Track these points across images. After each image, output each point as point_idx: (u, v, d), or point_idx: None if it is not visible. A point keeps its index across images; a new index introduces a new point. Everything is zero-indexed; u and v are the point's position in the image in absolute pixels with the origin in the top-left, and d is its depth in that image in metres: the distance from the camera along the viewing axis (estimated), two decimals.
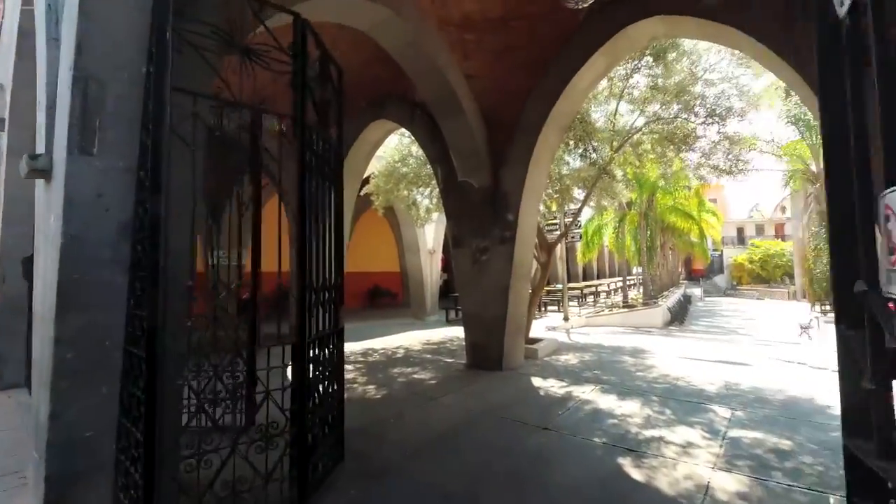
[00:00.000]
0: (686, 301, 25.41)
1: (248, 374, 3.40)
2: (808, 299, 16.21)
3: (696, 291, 33.32)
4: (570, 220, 8.02)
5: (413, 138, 8.75)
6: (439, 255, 14.53)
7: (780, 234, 47.40)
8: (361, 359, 6.66)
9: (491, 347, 5.81)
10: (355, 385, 5.08)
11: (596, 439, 3.38)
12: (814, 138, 15.48)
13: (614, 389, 4.70)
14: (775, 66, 4.03)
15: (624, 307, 17.47)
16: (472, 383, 5.09)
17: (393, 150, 9.13)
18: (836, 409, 4.18)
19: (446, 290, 19.11)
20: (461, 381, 5.18)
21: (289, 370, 2.56)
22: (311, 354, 2.76)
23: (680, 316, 20.60)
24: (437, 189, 8.54)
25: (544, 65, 5.35)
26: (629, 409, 4.04)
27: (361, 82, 7.36)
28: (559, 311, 15.23)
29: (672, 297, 21.89)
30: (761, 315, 21.30)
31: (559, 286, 14.60)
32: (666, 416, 3.85)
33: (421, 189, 9.28)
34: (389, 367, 6.00)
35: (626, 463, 2.98)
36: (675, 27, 4.69)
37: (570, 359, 6.59)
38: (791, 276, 35.05)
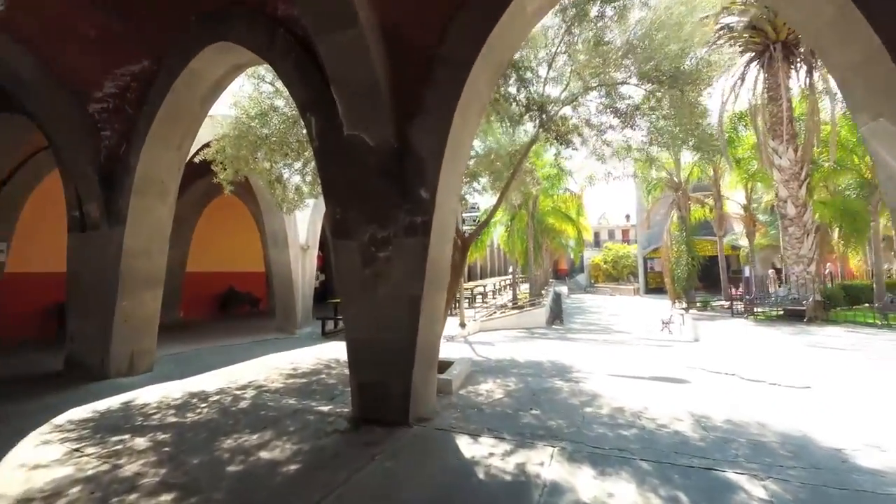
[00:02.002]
0: (558, 298, 26.91)
1: None
2: (669, 297, 17.87)
3: (564, 289, 36.10)
4: (492, 206, 6.45)
5: (275, 81, 6.29)
6: (315, 252, 11.92)
7: (626, 238, 55.02)
8: (174, 418, 4.04)
9: (391, 390, 3.84)
10: (132, 499, 2.60)
11: None
12: (675, 153, 17.04)
13: (580, 452, 3.15)
14: None
15: (514, 308, 17.08)
16: (364, 464, 3.04)
17: (248, 101, 6.45)
18: (859, 457, 2.69)
19: (323, 294, 16.31)
20: (345, 462, 3.09)
21: None
22: None
23: (559, 314, 21.35)
24: (312, 159, 6.23)
25: None
26: (627, 501, 2.50)
27: None
28: (453, 314, 13.92)
29: (549, 296, 22.71)
30: (621, 310, 23.32)
31: None
32: None
33: (289, 160, 6.79)
34: (220, 437, 3.57)
35: None
36: None
37: (493, 389, 4.99)
38: (635, 275, 40.44)
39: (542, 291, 22.28)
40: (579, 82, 5.14)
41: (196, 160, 6.85)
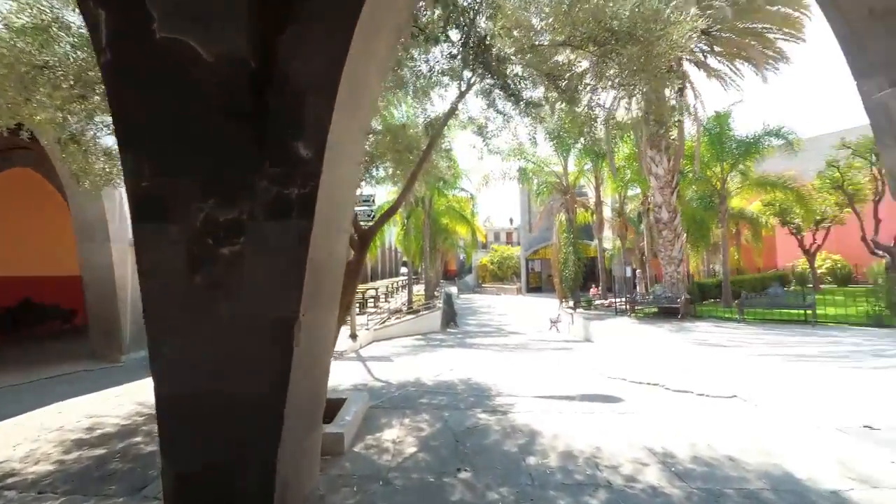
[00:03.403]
0: (450, 299, 26.73)
1: None
2: (557, 296, 18.57)
3: (454, 289, 36.40)
4: (402, 189, 5.04)
5: None
6: None
7: (510, 240, 58.38)
8: None
9: (239, 481, 2.25)
10: None
11: None
12: (564, 154, 17.74)
13: None
14: None
15: (409, 313, 15.92)
16: None
17: (14, 4, 4.02)
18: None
19: None
20: None
21: None
22: None
23: (452, 316, 20.88)
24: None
25: None
26: None
27: None
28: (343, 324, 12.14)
29: (442, 298, 22.20)
30: (508, 310, 23.99)
31: None
32: None
33: (92, 108, 4.50)
34: None
35: None
36: None
37: (402, 438, 3.65)
38: (518, 275, 42.86)
39: (436, 293, 21.65)
40: (509, 40, 4.12)
41: None
